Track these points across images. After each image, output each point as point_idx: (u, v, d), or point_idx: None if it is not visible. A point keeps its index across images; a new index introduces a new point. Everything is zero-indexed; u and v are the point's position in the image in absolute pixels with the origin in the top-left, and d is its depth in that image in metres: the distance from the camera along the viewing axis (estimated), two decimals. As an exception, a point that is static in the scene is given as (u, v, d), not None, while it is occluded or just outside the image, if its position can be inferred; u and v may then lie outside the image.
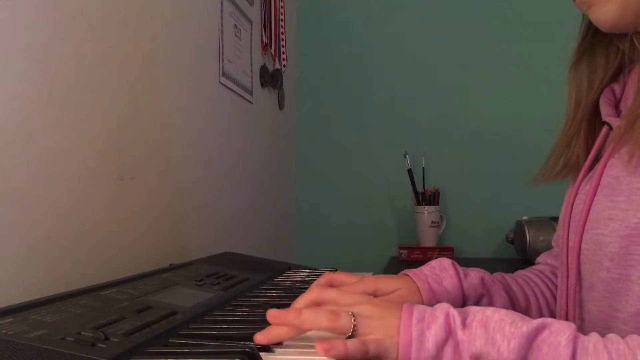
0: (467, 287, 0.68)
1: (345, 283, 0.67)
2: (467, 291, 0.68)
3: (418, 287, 0.66)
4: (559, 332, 0.46)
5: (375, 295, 0.65)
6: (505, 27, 1.93)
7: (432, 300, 0.65)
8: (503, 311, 0.49)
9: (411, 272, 0.70)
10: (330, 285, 0.68)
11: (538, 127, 1.32)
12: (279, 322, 0.51)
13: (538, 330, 0.46)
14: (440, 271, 0.69)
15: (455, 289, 0.68)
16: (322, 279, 0.69)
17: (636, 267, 0.54)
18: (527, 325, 0.46)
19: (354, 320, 0.49)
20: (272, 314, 0.51)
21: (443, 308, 0.50)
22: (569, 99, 0.70)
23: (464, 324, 0.48)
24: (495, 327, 0.47)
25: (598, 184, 0.60)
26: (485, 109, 1.93)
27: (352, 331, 0.49)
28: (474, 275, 0.70)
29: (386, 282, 0.67)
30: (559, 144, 0.70)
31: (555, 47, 0.72)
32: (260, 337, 0.49)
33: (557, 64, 0.73)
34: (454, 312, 0.48)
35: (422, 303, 0.64)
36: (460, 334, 0.47)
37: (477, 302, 0.69)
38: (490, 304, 0.69)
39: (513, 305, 0.72)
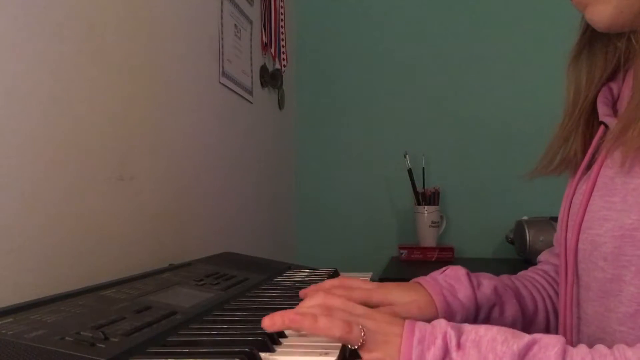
0: (480, 297, 0.69)
1: (360, 288, 0.67)
2: (481, 301, 0.69)
3: (433, 299, 0.66)
4: (548, 347, 0.47)
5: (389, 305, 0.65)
6: (506, 27, 1.93)
7: (447, 312, 0.66)
8: (495, 329, 0.50)
9: (425, 281, 0.69)
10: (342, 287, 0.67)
11: (539, 127, 1.32)
12: (295, 326, 0.51)
13: (528, 347, 0.47)
14: (455, 282, 0.69)
15: (470, 301, 0.68)
16: (335, 281, 0.69)
17: (629, 267, 0.54)
18: (517, 343, 0.47)
19: (364, 334, 0.50)
20: (290, 317, 0.51)
21: (441, 327, 0.50)
22: (567, 95, 0.69)
23: (458, 345, 0.49)
24: (488, 346, 0.48)
25: (594, 184, 0.60)
26: (486, 109, 1.93)
27: (360, 345, 0.50)
28: (487, 284, 0.70)
29: (400, 295, 0.66)
30: (556, 139, 0.70)
31: (556, 48, 0.72)
32: (268, 323, 0.51)
33: (558, 65, 0.72)
34: (451, 333, 0.49)
35: (437, 315, 0.65)
36: (454, 355, 0.48)
37: (489, 312, 0.70)
38: (502, 312, 0.70)
39: (523, 312, 0.72)
